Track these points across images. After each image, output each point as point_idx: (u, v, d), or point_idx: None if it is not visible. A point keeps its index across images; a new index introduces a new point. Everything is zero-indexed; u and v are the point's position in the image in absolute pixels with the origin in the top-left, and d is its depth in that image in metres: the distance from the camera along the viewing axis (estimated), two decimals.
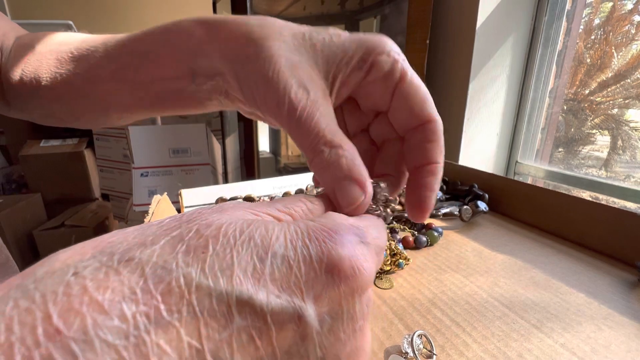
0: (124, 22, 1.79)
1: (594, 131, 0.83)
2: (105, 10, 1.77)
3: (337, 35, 0.19)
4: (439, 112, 0.21)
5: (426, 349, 0.26)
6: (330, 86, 0.19)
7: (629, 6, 0.73)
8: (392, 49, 0.19)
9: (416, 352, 0.25)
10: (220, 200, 0.53)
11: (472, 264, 0.38)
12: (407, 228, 0.47)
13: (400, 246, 0.40)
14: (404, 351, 0.26)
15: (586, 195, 0.73)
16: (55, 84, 0.26)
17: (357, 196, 0.16)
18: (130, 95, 0.24)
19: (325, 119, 0.17)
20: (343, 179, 0.16)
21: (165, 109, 0.24)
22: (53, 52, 0.27)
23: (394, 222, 0.48)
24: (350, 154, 0.16)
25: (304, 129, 0.17)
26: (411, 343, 0.26)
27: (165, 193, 0.43)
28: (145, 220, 0.35)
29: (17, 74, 0.27)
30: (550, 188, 0.48)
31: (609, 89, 0.78)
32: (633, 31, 0.73)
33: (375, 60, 0.19)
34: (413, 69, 0.21)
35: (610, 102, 0.79)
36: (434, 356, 0.26)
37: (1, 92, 0.29)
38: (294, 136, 0.17)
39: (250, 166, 1.76)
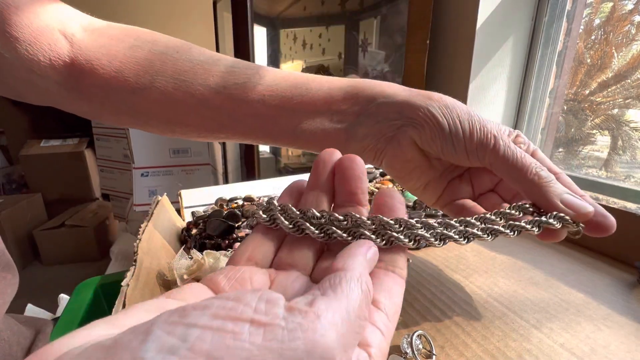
0: (122, 21, 1.79)
1: (594, 131, 0.83)
2: (102, 8, 1.77)
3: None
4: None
5: (425, 349, 0.26)
6: None
7: (629, 6, 0.73)
8: None
9: (415, 352, 0.25)
10: (220, 200, 0.53)
11: (471, 264, 0.38)
12: None
13: None
14: (403, 351, 0.26)
15: (586, 195, 0.72)
16: (171, 92, 0.26)
17: (588, 207, 0.24)
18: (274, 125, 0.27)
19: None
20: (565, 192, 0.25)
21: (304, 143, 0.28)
22: (167, 56, 0.26)
23: None
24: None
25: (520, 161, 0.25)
26: (410, 343, 0.26)
27: (165, 194, 0.43)
28: (145, 222, 0.35)
29: (111, 68, 0.26)
30: None
31: (609, 89, 0.78)
32: (633, 31, 0.72)
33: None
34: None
35: (611, 102, 0.79)
36: (434, 356, 0.26)
37: (64, 79, 0.27)
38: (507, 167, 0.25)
39: (250, 166, 1.76)
